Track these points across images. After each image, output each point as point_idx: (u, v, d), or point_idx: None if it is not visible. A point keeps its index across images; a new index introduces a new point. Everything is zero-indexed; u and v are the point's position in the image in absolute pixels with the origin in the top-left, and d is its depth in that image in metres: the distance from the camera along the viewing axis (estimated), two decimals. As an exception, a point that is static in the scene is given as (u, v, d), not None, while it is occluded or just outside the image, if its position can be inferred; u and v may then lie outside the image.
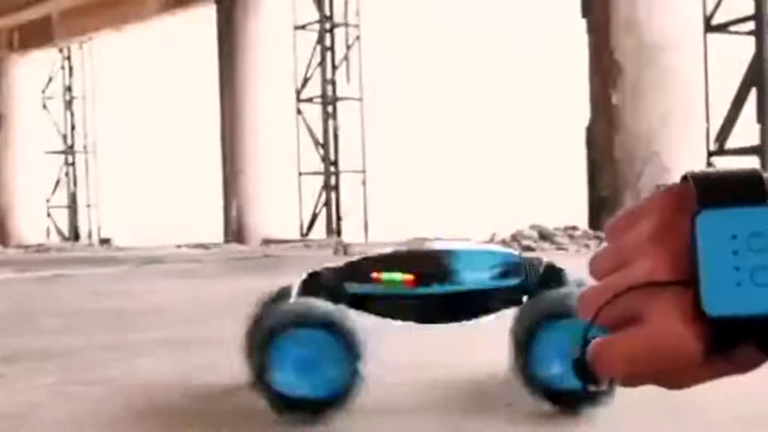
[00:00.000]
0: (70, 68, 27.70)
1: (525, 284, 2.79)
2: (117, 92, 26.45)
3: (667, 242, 0.47)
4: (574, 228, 11.72)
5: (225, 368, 3.54)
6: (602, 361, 0.47)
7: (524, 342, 2.62)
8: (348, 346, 2.60)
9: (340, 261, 3.13)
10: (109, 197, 27.42)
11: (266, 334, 2.63)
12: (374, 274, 2.81)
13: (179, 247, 19.01)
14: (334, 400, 2.64)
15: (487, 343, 3.08)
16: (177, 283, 8.55)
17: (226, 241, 20.53)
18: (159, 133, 25.12)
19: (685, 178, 0.49)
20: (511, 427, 2.66)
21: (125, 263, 12.28)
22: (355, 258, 3.04)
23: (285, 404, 2.61)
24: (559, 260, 8.91)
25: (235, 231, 20.82)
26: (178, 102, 24.11)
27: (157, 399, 3.13)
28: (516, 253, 3.03)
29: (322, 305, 2.71)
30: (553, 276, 2.81)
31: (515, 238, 11.07)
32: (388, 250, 3.08)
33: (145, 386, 3.33)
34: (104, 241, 25.10)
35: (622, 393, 2.79)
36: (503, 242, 11.48)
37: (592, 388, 0.48)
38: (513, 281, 2.78)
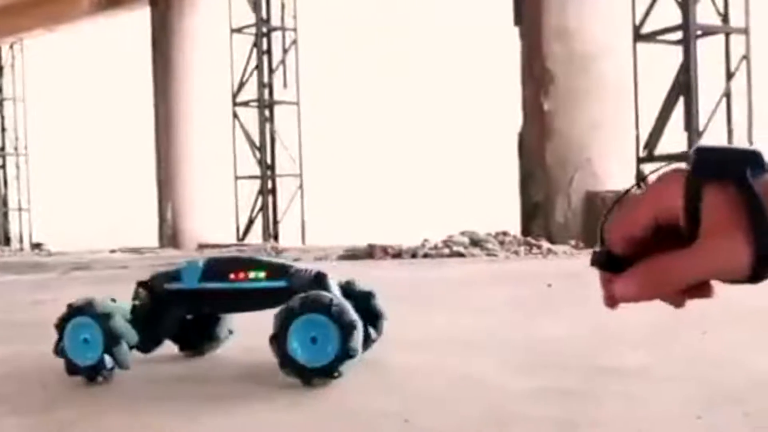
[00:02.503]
0: (0, 68, 27.12)
1: (292, 286, 3.48)
2: (49, 94, 25.97)
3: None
4: (505, 234, 11.82)
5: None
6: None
7: (277, 330, 3.30)
8: None
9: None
10: (42, 200, 26.91)
11: None
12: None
13: (113, 251, 18.72)
14: None
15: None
16: (100, 291, 8.38)
17: (161, 245, 20.29)
18: (93, 136, 24.74)
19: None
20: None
21: (53, 269, 12.04)
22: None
23: None
24: (487, 266, 8.92)
25: (170, 235, 20.60)
26: (112, 104, 23.78)
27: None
28: (288, 262, 3.82)
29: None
30: (319, 281, 3.47)
31: (447, 243, 11.11)
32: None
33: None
34: (36, 246, 24.60)
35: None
36: (435, 247, 11.51)
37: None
38: (280, 283, 3.52)
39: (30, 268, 12.89)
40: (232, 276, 3.59)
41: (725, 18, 13.80)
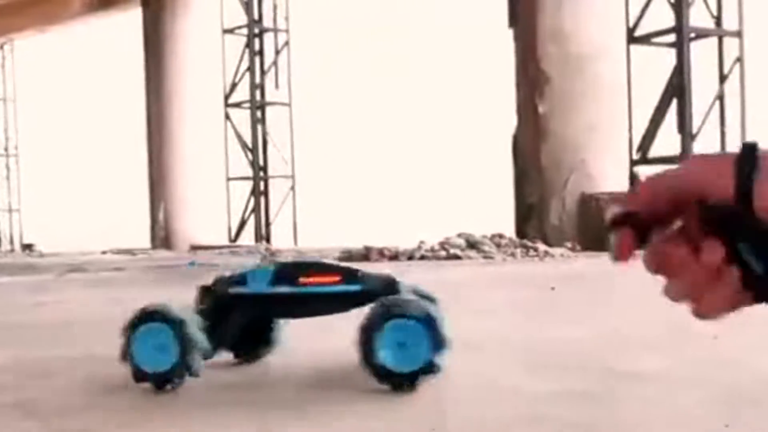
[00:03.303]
0: (-9, 69, 27.02)
1: (365, 290, 3.49)
2: (41, 94, 25.87)
3: None
4: (501, 236, 11.83)
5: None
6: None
7: (366, 336, 3.27)
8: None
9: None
10: (32, 201, 26.79)
11: None
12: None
13: (105, 253, 18.65)
14: None
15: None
16: (101, 293, 8.37)
17: (153, 246, 20.23)
18: (84, 137, 24.65)
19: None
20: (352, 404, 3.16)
21: (48, 271, 11.98)
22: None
23: None
24: (484, 268, 8.92)
25: (162, 237, 20.54)
26: (103, 105, 23.70)
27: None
28: (356, 267, 3.82)
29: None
30: (391, 285, 3.52)
31: (443, 245, 11.11)
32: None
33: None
34: (26, 247, 24.50)
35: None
36: (432, 249, 11.54)
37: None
38: (354, 287, 3.51)
39: (23, 269, 12.83)
40: (302, 280, 3.54)
41: (719, 21, 13.85)
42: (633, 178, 13.77)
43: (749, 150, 0.60)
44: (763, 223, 0.59)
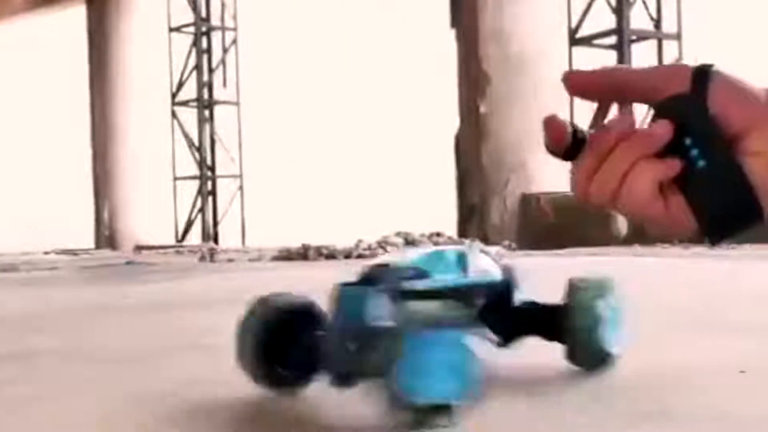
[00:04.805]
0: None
1: None
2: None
3: None
4: (439, 234, 11.87)
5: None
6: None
7: None
8: None
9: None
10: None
11: None
12: None
13: (47, 253, 18.38)
14: None
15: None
16: (19, 293, 8.23)
17: (97, 246, 19.99)
18: (27, 135, 24.29)
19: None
20: None
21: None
22: None
23: None
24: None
25: (107, 236, 20.30)
26: (47, 103, 23.37)
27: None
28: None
29: None
30: None
31: (381, 244, 11.12)
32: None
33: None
34: (-32, 247, 24.06)
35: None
36: (369, 248, 11.51)
37: None
38: None
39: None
40: None
41: (658, 24, 14.04)
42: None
43: (707, 65, 0.62)
44: (713, 119, 0.60)
